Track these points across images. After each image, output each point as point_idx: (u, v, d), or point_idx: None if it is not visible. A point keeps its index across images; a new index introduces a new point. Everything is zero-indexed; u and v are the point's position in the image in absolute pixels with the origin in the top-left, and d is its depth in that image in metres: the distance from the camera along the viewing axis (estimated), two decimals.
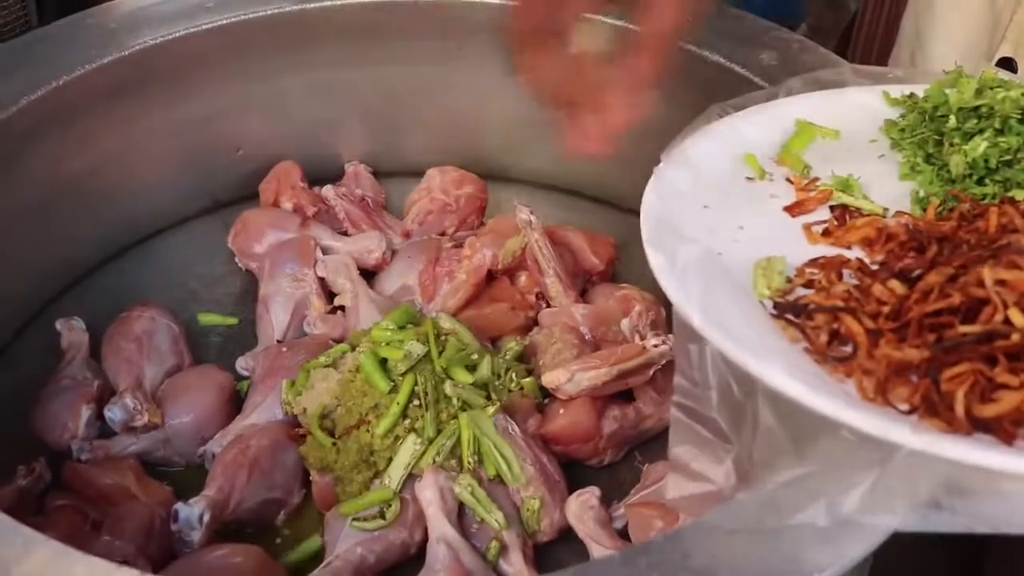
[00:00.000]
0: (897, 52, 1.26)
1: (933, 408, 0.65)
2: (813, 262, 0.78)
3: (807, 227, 0.82)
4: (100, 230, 1.23)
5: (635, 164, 1.28)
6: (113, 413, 1.04)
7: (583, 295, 1.19)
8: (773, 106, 0.94)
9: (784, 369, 0.66)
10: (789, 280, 0.77)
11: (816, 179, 0.87)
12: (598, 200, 1.34)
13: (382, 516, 0.96)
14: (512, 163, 1.36)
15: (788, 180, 0.88)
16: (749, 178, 0.88)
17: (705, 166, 0.87)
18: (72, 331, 1.14)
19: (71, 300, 1.21)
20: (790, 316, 0.73)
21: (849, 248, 0.80)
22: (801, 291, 0.76)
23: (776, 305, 0.74)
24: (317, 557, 0.98)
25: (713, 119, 0.91)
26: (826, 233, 0.82)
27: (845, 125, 0.92)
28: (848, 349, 0.70)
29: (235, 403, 1.10)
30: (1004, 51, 1.08)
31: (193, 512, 0.95)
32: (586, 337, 1.10)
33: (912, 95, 0.92)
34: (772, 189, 0.88)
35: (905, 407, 0.66)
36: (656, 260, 0.75)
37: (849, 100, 0.94)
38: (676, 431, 0.74)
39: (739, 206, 0.84)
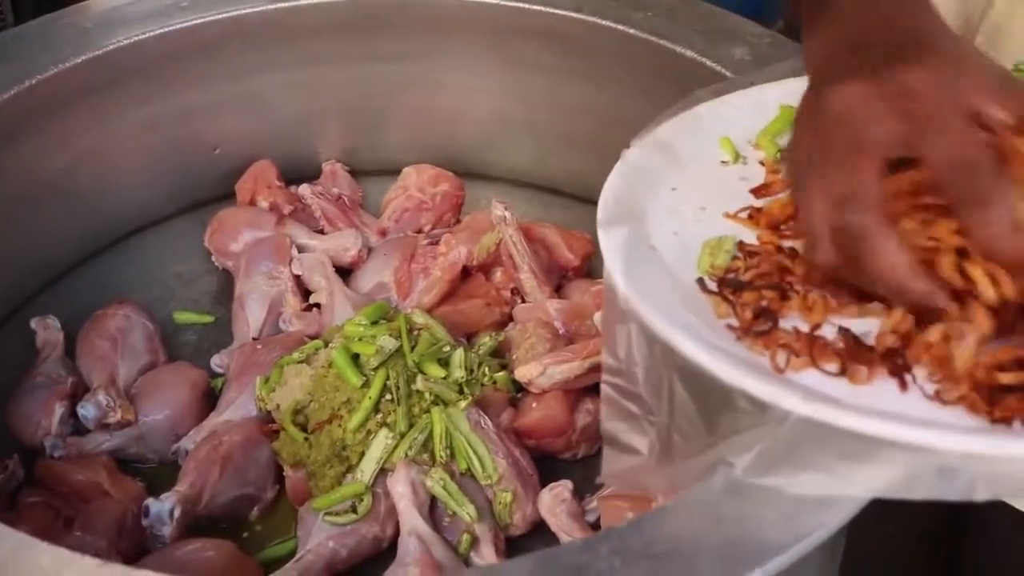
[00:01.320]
0: None
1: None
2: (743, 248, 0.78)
3: (732, 215, 0.82)
4: (77, 229, 1.23)
5: (612, 160, 1.29)
6: (86, 410, 1.05)
7: (559, 291, 1.19)
8: (756, 91, 0.93)
9: (694, 338, 0.68)
10: (735, 258, 0.77)
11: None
12: (576, 197, 1.34)
13: (354, 511, 0.96)
14: (490, 161, 1.37)
15: (760, 163, 0.87)
16: (724, 162, 0.88)
17: (680, 149, 0.87)
18: (47, 329, 1.14)
19: (48, 298, 1.21)
20: (726, 292, 0.74)
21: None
22: (751, 270, 0.76)
23: (720, 281, 0.75)
24: (290, 552, 0.98)
25: (694, 104, 0.91)
26: (751, 217, 0.82)
27: None
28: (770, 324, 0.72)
29: (209, 400, 1.10)
30: None
31: (164, 507, 0.95)
32: (560, 332, 1.10)
33: None
34: (744, 172, 0.87)
35: (833, 368, 0.68)
36: (605, 243, 0.76)
37: None
38: (607, 407, 0.76)
39: (706, 188, 0.84)
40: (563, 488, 1.00)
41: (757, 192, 0.84)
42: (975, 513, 1.13)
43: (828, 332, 0.71)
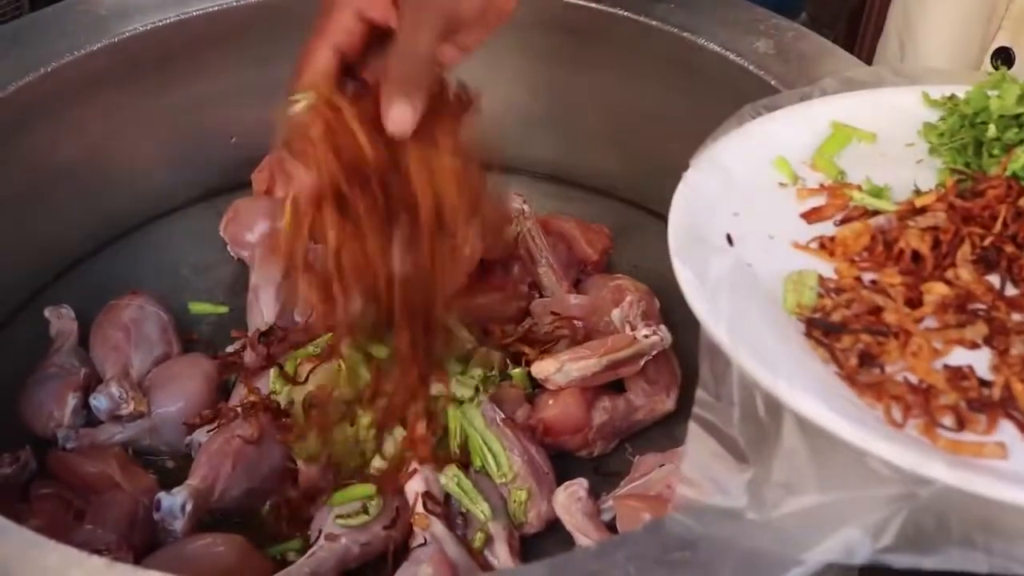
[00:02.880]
0: (884, 41, 1.24)
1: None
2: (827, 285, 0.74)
3: (801, 246, 0.78)
4: (91, 218, 1.22)
5: (633, 153, 1.29)
6: (99, 401, 1.04)
7: (577, 285, 1.18)
8: (807, 107, 0.89)
9: (814, 394, 0.63)
10: (820, 296, 0.73)
11: (847, 185, 0.83)
12: (595, 191, 1.33)
13: (366, 511, 0.95)
14: (508, 153, 1.35)
15: (821, 186, 0.83)
16: (782, 184, 0.84)
17: (736, 171, 0.82)
18: (61, 319, 1.14)
19: (62, 288, 1.20)
20: (819, 336, 0.70)
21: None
22: (832, 304, 0.72)
23: (808, 322, 0.71)
24: (302, 547, 0.97)
25: (745, 121, 0.87)
26: (823, 247, 0.78)
27: (881, 127, 0.87)
28: (877, 371, 0.67)
29: (223, 392, 1.09)
30: (1001, 40, 1.06)
31: (176, 501, 0.95)
32: (578, 327, 1.09)
33: (952, 96, 0.87)
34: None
35: (950, 422, 0.64)
36: (684, 274, 0.71)
37: (886, 101, 0.89)
38: (693, 444, 0.70)
39: (769, 213, 0.80)
40: (579, 487, 0.99)
41: (808, 217, 0.81)
42: None
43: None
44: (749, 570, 0.65)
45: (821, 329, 0.70)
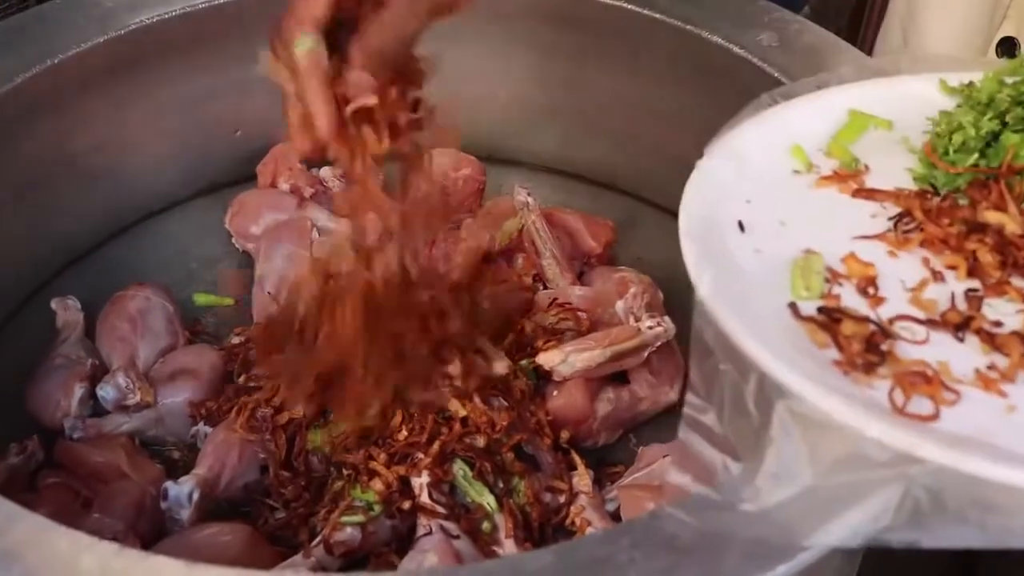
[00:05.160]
0: (885, 33, 1.24)
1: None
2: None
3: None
4: (98, 210, 1.23)
5: (636, 147, 1.29)
6: (105, 392, 1.04)
7: (581, 278, 1.18)
8: (824, 95, 0.88)
9: (813, 378, 0.63)
10: (827, 280, 0.73)
11: (858, 171, 0.83)
12: (600, 183, 1.34)
13: (370, 508, 0.96)
14: (513, 145, 1.36)
15: (835, 172, 0.83)
16: (796, 171, 0.83)
17: (751, 159, 0.82)
18: (67, 310, 1.14)
19: (68, 279, 1.21)
20: (821, 320, 0.70)
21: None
22: (838, 289, 0.73)
23: (821, 310, 0.71)
24: (309, 536, 0.97)
25: (761, 109, 0.86)
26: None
27: (898, 115, 0.86)
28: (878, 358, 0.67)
29: (229, 383, 1.09)
30: (1006, 30, 1.06)
31: (182, 490, 0.95)
32: (582, 319, 1.10)
33: (971, 83, 0.86)
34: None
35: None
36: (691, 255, 0.72)
37: (903, 88, 0.88)
38: (684, 444, 0.70)
39: (782, 200, 0.80)
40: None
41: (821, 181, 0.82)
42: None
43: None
44: (755, 556, 0.65)
45: (829, 316, 0.70)
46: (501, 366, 1.00)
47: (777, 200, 0.80)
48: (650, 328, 1.04)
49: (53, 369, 1.08)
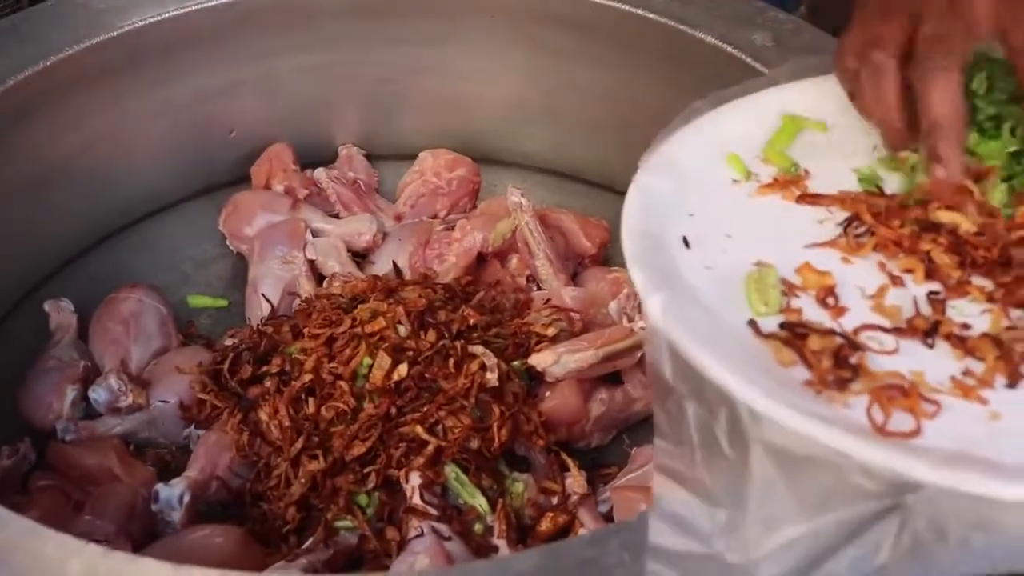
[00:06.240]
0: None
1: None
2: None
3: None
4: (91, 211, 1.23)
5: (631, 147, 1.28)
6: (97, 394, 1.04)
7: (575, 278, 1.18)
8: (756, 98, 0.85)
9: (787, 403, 0.59)
10: (784, 293, 0.70)
11: (799, 177, 0.81)
12: (594, 184, 1.33)
13: (363, 512, 0.96)
14: (508, 146, 1.35)
15: (775, 180, 0.81)
16: (735, 180, 0.81)
17: (687, 170, 0.79)
18: (60, 312, 1.14)
19: (62, 281, 1.21)
20: (789, 337, 0.66)
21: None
22: (796, 302, 0.70)
23: (783, 326, 0.68)
24: (300, 538, 0.97)
25: (692, 118, 0.83)
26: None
27: (836, 116, 0.84)
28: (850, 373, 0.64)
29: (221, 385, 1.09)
30: None
31: (173, 493, 0.95)
32: (575, 319, 1.09)
33: None
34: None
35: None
36: (642, 283, 0.68)
37: (838, 88, 0.83)
38: (660, 494, 0.67)
39: (725, 212, 0.78)
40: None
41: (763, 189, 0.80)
42: None
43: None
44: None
45: (794, 332, 0.66)
46: (493, 378, 0.99)
47: (720, 212, 0.77)
48: (643, 328, 1.04)
49: (45, 371, 1.08)
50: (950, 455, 0.58)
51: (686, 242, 0.73)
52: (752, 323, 0.67)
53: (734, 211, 0.78)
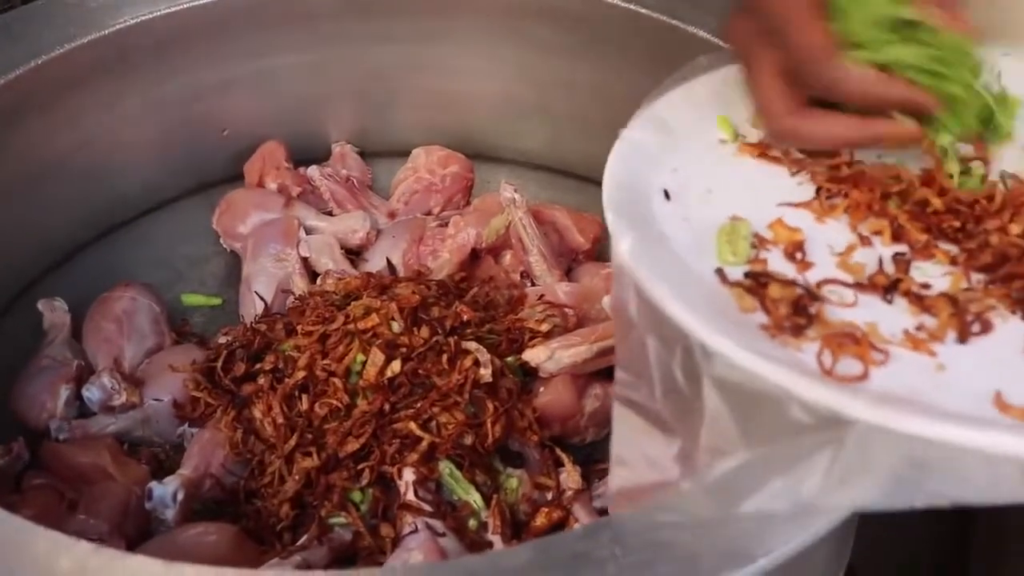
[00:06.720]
0: None
1: None
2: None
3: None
4: (84, 210, 1.22)
5: None
6: (91, 393, 1.04)
7: (569, 274, 1.18)
8: None
9: (739, 341, 0.63)
10: (754, 246, 0.74)
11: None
12: (588, 179, 1.33)
13: (357, 508, 0.95)
14: (502, 143, 1.35)
15: (760, 142, 0.84)
16: (722, 140, 0.85)
17: (676, 128, 0.83)
18: (54, 311, 1.14)
19: (55, 280, 1.20)
20: (747, 284, 0.70)
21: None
22: (765, 255, 0.73)
23: (747, 275, 0.71)
24: (295, 536, 0.97)
25: (687, 77, 0.88)
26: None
27: None
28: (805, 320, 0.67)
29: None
30: None
31: (167, 491, 0.95)
32: (569, 315, 1.09)
33: None
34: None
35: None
36: (617, 227, 0.73)
37: None
38: (619, 423, 0.71)
39: (709, 169, 0.81)
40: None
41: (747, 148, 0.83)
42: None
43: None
44: (734, 550, 0.65)
45: (757, 280, 0.70)
46: (487, 374, 0.99)
47: (704, 169, 0.81)
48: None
49: (39, 370, 1.08)
50: (888, 398, 0.61)
51: (667, 194, 0.77)
52: (719, 271, 0.71)
53: (718, 169, 0.82)
